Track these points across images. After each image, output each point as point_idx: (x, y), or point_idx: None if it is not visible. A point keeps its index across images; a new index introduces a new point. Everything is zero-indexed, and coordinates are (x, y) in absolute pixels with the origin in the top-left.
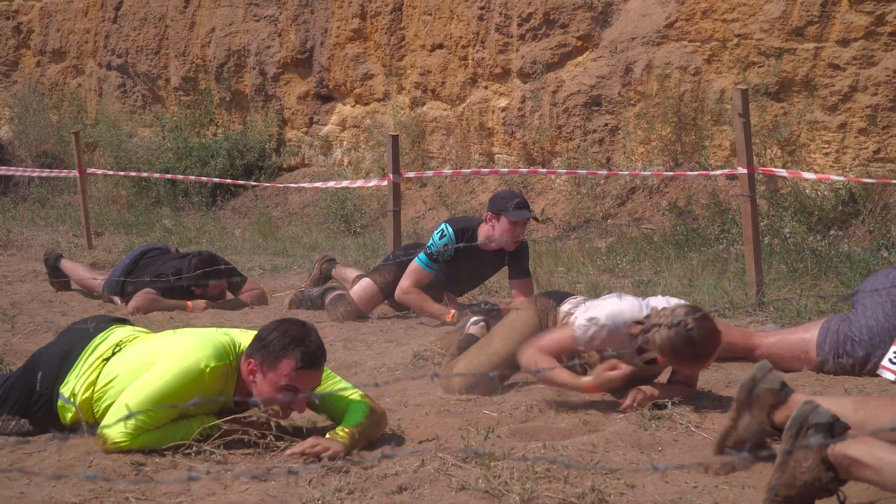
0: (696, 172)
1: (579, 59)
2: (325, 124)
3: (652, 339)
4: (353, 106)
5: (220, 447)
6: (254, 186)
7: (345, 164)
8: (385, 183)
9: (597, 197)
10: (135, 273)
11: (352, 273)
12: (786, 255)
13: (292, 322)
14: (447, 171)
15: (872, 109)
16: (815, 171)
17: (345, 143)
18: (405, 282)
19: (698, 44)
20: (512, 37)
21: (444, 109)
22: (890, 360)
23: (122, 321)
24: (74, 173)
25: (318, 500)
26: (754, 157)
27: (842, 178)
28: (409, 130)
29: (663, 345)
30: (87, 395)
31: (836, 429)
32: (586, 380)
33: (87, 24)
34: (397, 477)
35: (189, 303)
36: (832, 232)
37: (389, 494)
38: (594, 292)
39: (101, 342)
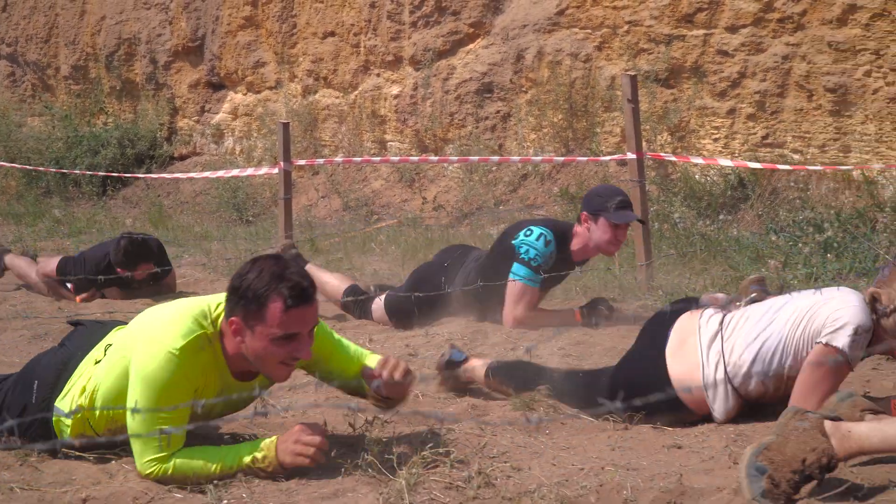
0: (587, 158)
1: (471, 46)
2: (217, 113)
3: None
4: (245, 94)
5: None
6: (145, 175)
7: (237, 152)
8: (276, 171)
9: (489, 183)
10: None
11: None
12: (675, 240)
13: (265, 259)
14: (338, 158)
15: (761, 95)
16: (705, 157)
17: (237, 131)
18: (517, 308)
19: (589, 31)
20: (404, 24)
21: (337, 97)
22: None
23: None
24: None
25: (201, 489)
26: (644, 142)
27: (729, 163)
28: (302, 118)
29: None
30: (80, 402)
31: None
32: None
33: None
34: None
35: (77, 297)
36: (721, 216)
37: (276, 481)
38: None
39: (97, 346)
